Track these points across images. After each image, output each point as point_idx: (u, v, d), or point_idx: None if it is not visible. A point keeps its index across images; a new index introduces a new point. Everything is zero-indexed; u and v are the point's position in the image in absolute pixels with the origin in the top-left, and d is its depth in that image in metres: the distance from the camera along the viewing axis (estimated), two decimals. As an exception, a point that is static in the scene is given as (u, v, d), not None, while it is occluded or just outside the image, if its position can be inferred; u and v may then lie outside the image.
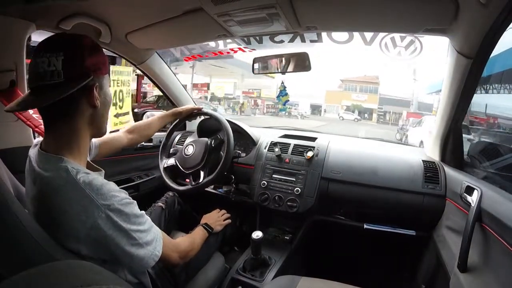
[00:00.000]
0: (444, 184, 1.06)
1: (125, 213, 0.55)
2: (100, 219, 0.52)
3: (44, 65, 0.53)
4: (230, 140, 1.22)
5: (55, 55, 0.52)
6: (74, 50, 0.55)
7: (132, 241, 0.56)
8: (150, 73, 1.48)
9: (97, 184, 0.54)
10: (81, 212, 0.51)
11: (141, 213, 0.60)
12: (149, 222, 0.61)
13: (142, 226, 0.58)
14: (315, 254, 1.45)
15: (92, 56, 0.57)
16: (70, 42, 0.56)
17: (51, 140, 0.58)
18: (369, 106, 24.31)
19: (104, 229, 0.52)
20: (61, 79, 0.53)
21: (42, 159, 0.56)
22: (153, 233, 0.61)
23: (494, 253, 0.66)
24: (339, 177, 1.19)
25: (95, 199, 0.52)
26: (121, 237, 0.54)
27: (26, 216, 0.48)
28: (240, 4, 0.83)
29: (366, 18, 0.90)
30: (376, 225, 1.17)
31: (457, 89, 0.92)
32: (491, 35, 0.72)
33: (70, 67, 0.53)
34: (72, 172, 0.53)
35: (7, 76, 0.89)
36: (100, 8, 0.95)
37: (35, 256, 0.45)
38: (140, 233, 0.57)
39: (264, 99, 23.49)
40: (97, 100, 0.59)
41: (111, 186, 0.56)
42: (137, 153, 1.49)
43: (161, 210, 1.16)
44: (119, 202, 0.55)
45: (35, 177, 0.56)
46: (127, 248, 0.55)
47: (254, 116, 19.58)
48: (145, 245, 0.58)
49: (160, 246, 0.62)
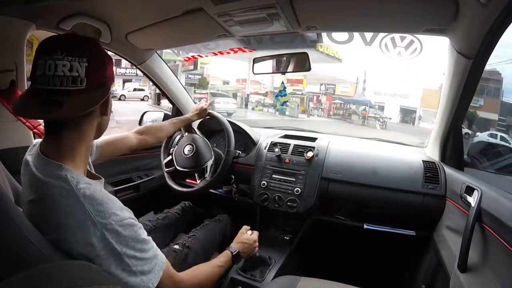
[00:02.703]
0: (444, 184, 1.06)
1: (123, 235, 0.51)
2: (95, 237, 0.49)
3: (65, 69, 0.49)
4: (230, 140, 1.22)
5: (78, 60, 0.50)
6: (98, 57, 0.54)
7: (124, 266, 0.51)
8: (150, 73, 1.48)
9: (98, 198, 0.51)
10: (76, 227, 0.49)
11: (144, 239, 0.55)
12: (152, 250, 0.56)
13: (140, 254, 0.54)
14: (315, 254, 1.45)
15: (111, 64, 0.57)
16: (93, 48, 0.54)
17: (53, 146, 0.54)
18: (486, 116, 12.61)
19: (97, 248, 0.49)
20: (83, 86, 0.51)
21: (41, 163, 0.53)
22: (153, 263, 0.56)
23: (494, 253, 0.66)
24: (339, 177, 1.19)
25: (93, 215, 0.49)
26: (112, 260, 0.50)
27: (23, 218, 0.47)
28: (240, 4, 0.83)
29: (366, 18, 0.90)
30: (376, 225, 1.16)
31: (457, 89, 0.92)
32: (491, 35, 0.72)
33: (94, 76, 0.52)
34: (72, 182, 0.50)
35: (7, 76, 0.89)
36: (100, 8, 0.94)
37: (31, 258, 0.45)
38: (135, 260, 0.52)
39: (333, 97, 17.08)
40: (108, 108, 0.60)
41: (113, 203, 0.53)
42: (137, 153, 1.49)
43: (175, 217, 1.19)
44: (119, 222, 0.51)
45: (32, 181, 0.53)
46: (117, 272, 0.51)
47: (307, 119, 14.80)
48: (139, 273, 0.53)
49: (157, 279, 0.55)
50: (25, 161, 0.58)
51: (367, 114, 14.95)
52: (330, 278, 0.85)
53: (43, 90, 0.50)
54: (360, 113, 15.27)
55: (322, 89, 17.30)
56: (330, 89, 17.28)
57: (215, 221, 1.20)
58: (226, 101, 13.11)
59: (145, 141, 1.03)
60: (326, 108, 17.01)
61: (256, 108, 16.50)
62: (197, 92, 9.86)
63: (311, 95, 17.28)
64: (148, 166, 1.57)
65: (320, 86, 17.15)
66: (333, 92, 17.22)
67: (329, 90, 17.30)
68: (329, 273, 0.94)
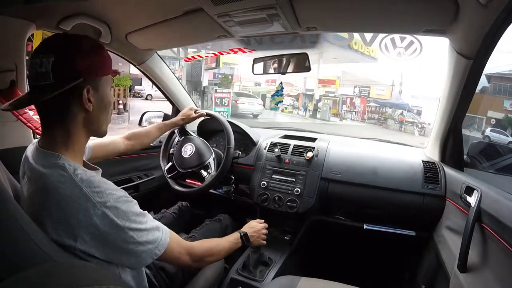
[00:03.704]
0: (444, 184, 1.06)
1: (122, 210, 0.55)
2: (96, 216, 0.52)
3: (36, 66, 0.53)
4: (230, 140, 1.23)
5: (46, 56, 0.53)
6: (65, 51, 0.54)
7: (129, 238, 0.55)
8: (150, 73, 1.48)
9: (94, 181, 0.54)
10: (78, 209, 0.51)
11: (141, 212, 0.59)
12: (151, 222, 0.60)
13: (142, 225, 0.58)
14: (315, 254, 1.45)
15: (85, 57, 0.56)
16: (63, 43, 0.55)
17: (48, 139, 0.58)
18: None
19: (100, 226, 0.52)
20: (50, 80, 0.53)
21: (40, 155, 0.56)
22: (156, 233, 0.60)
23: (494, 253, 0.66)
24: (339, 177, 1.19)
25: (91, 196, 0.52)
26: (117, 234, 0.54)
27: (24, 216, 0.47)
28: (240, 4, 0.83)
29: (366, 19, 0.90)
30: (376, 226, 1.16)
31: (457, 90, 0.92)
32: (491, 36, 0.72)
33: (60, 69, 0.53)
34: (70, 169, 0.53)
35: (7, 76, 0.89)
36: (100, 8, 0.94)
37: (33, 257, 0.45)
38: (139, 231, 0.57)
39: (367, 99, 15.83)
40: (90, 104, 0.58)
41: (108, 185, 0.56)
42: (137, 153, 1.49)
43: (172, 217, 1.19)
44: (116, 199, 0.55)
45: (31, 173, 0.56)
46: (124, 245, 0.55)
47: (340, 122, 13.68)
48: (145, 243, 0.58)
49: (164, 246, 0.61)
50: (24, 156, 0.62)
51: (404, 119, 13.68)
52: (330, 278, 0.85)
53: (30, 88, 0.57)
54: (397, 117, 14.10)
55: (356, 91, 16.12)
56: (364, 92, 16.08)
57: (216, 221, 1.20)
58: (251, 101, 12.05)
59: (132, 146, 1.07)
60: (360, 111, 15.89)
61: (285, 110, 15.58)
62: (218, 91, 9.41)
63: (345, 97, 15.99)
64: (148, 166, 1.57)
65: (353, 88, 16.07)
66: (368, 95, 16.00)
67: (364, 93, 16.14)
68: (329, 273, 0.94)
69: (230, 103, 8.74)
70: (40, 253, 0.46)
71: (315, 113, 13.90)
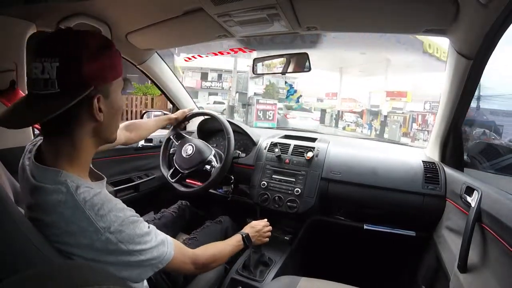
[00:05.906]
0: (444, 184, 1.06)
1: (126, 233, 0.51)
2: (99, 241, 0.48)
3: (37, 71, 0.46)
4: (230, 140, 1.23)
5: (50, 60, 0.45)
6: (72, 54, 0.47)
7: (132, 258, 0.52)
8: (150, 73, 1.48)
9: (98, 202, 0.49)
10: (79, 232, 0.48)
11: (146, 232, 0.55)
12: (156, 238, 0.56)
13: (147, 245, 0.54)
14: (315, 254, 1.45)
15: (94, 61, 0.48)
16: (68, 44, 0.48)
17: (50, 152, 0.52)
18: None
19: (102, 250, 0.49)
20: (55, 89, 0.46)
21: (39, 173, 0.51)
22: (161, 248, 0.57)
23: (494, 253, 0.66)
24: (339, 177, 1.19)
25: (95, 221, 0.48)
26: (120, 257, 0.51)
27: (23, 218, 0.47)
28: (240, 4, 0.83)
29: (366, 19, 0.90)
30: (376, 226, 1.16)
31: (457, 90, 0.92)
32: (491, 36, 0.72)
33: (66, 76, 0.46)
34: (72, 187, 0.49)
35: (7, 76, 0.89)
36: (100, 8, 0.94)
37: (32, 259, 0.45)
38: (144, 251, 0.53)
39: None
40: (100, 113, 0.51)
41: (113, 204, 0.51)
42: (137, 153, 1.49)
43: (172, 216, 1.18)
44: (121, 223, 0.50)
45: (30, 188, 0.51)
46: (126, 264, 0.52)
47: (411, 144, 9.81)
48: (149, 260, 0.54)
49: (168, 259, 0.57)
50: (21, 166, 0.56)
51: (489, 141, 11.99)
52: (330, 278, 0.85)
53: (28, 94, 0.50)
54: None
55: (427, 107, 13.03)
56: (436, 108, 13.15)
57: (216, 222, 1.19)
58: (304, 115, 10.43)
59: (130, 138, 1.02)
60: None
61: (347, 128, 13.55)
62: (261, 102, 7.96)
63: (415, 114, 13.03)
64: (148, 166, 1.57)
65: (424, 103, 13.02)
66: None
67: (435, 109, 12.98)
68: (329, 273, 0.94)
69: (275, 117, 7.52)
70: (39, 255, 0.45)
71: (382, 132, 11.77)
